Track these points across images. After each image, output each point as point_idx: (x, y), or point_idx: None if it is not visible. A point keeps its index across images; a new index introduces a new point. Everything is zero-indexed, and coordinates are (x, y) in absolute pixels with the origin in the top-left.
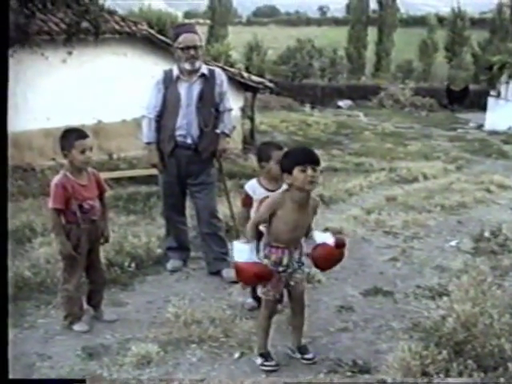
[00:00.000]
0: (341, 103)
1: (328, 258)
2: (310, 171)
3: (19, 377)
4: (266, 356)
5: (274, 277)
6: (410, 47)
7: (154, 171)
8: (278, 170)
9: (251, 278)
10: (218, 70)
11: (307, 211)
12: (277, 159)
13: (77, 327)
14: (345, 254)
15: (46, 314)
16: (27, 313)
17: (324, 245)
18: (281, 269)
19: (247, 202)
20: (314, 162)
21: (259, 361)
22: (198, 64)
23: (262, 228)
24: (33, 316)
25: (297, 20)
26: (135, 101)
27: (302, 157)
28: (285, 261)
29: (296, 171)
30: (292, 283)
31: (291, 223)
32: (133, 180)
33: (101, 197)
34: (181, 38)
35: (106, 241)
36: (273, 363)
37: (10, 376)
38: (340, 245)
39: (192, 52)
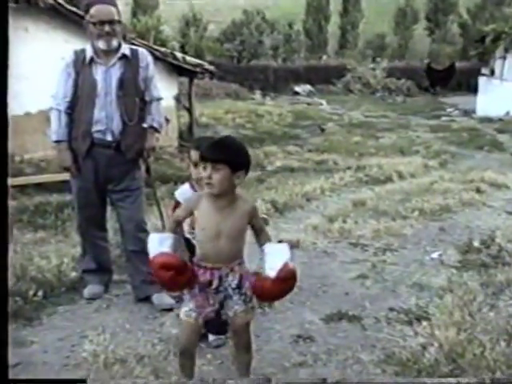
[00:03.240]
0: (298, 89)
1: (268, 294)
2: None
3: None
4: None
5: (187, 275)
6: (382, 18)
7: (67, 176)
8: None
9: (158, 271)
10: (142, 51)
11: (233, 216)
12: (194, 159)
13: None
14: (294, 284)
15: None
16: None
17: (263, 279)
18: (209, 290)
19: None
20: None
21: None
22: (114, 42)
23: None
24: None
25: None
26: (42, 89)
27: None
28: (214, 284)
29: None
30: (230, 314)
31: (209, 229)
32: (41, 187)
33: None
34: (93, 10)
35: None
36: None
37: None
38: (282, 279)
39: (107, 28)
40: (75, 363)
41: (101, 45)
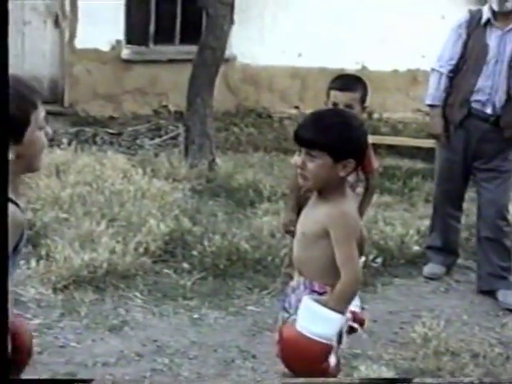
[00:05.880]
0: None
1: None
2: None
3: None
4: None
5: None
6: None
7: (422, 142)
8: None
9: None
10: None
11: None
12: None
13: None
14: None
15: (258, 301)
16: (235, 294)
17: None
18: None
19: None
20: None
21: None
22: (509, 5)
23: None
24: (241, 300)
25: None
26: (414, 47)
27: None
28: None
29: None
30: None
31: None
32: (393, 150)
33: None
34: None
35: None
36: None
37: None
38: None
39: None
40: (403, 342)
41: (494, 5)
